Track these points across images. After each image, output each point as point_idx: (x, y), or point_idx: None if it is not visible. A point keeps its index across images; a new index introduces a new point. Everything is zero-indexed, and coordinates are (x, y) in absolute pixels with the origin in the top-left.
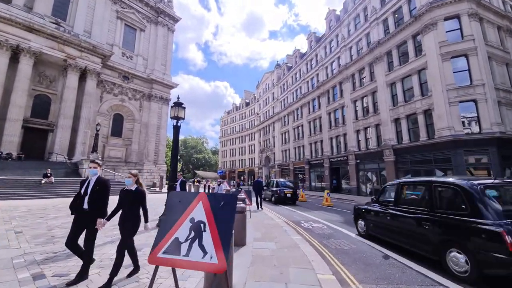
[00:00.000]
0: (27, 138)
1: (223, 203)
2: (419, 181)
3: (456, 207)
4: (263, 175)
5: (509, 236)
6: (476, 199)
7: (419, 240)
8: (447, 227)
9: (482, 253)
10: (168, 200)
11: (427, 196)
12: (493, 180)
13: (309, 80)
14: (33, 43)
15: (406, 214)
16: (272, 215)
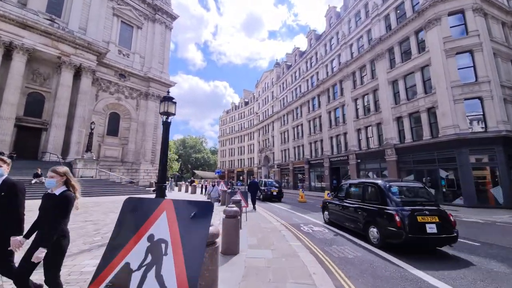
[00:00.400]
0: (20, 137)
1: (195, 214)
2: (357, 182)
3: (375, 198)
4: (263, 175)
5: (398, 216)
6: (384, 193)
7: (355, 222)
8: (369, 212)
9: (385, 228)
10: (121, 209)
11: (361, 192)
12: (399, 182)
13: (308, 79)
14: (27, 40)
15: (350, 205)
16: (270, 218)
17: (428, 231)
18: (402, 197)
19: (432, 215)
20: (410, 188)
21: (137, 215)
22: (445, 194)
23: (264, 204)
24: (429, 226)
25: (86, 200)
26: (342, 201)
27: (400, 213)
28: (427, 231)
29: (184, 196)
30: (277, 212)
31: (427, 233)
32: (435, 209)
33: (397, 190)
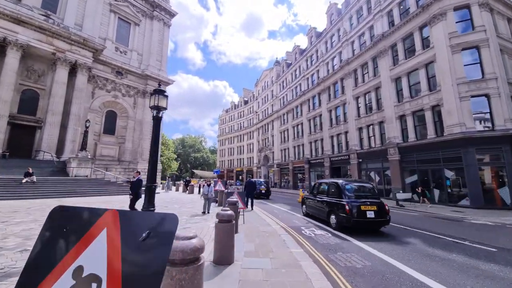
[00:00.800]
0: (13, 135)
1: (148, 234)
2: (325, 181)
3: (335, 194)
4: (262, 175)
5: (348, 206)
6: (341, 190)
7: (323, 212)
8: (330, 204)
9: (340, 215)
10: (44, 225)
11: (326, 189)
12: (353, 182)
13: (309, 77)
14: (21, 36)
15: (319, 199)
16: (269, 220)
17: (368, 216)
18: (353, 192)
19: (372, 205)
20: (361, 186)
21: (66, 234)
22: (450, 195)
23: (263, 204)
24: (369, 213)
25: (77, 201)
26: (315, 196)
27: (349, 204)
28: (367, 216)
29: (180, 197)
30: (277, 213)
31: (367, 218)
32: (375, 201)
33: (350, 187)
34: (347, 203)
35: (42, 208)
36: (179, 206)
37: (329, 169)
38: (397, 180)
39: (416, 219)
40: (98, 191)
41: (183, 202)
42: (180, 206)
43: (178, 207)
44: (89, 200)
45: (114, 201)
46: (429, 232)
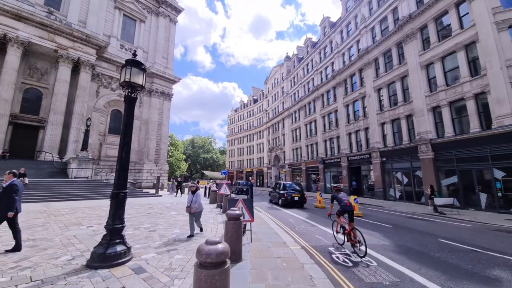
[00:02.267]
0: (16, 135)
1: None
2: (278, 182)
3: (281, 189)
4: (273, 176)
5: (286, 195)
6: (283, 186)
7: (278, 199)
8: (280, 194)
9: (282, 199)
10: None
11: (279, 186)
12: (291, 183)
13: (322, 70)
14: (22, 32)
15: (277, 192)
16: (283, 234)
17: (295, 199)
18: (289, 188)
19: (297, 194)
20: (294, 185)
21: None
22: (502, 200)
23: (276, 211)
24: (295, 198)
25: (64, 205)
26: (275, 190)
27: (287, 193)
28: (294, 199)
29: (183, 201)
30: (292, 223)
31: (295, 200)
32: (300, 192)
33: (289, 185)
34: (286, 193)
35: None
36: (176, 213)
37: (347, 169)
38: (431, 181)
39: (473, 232)
40: (93, 195)
41: (182, 209)
42: (177, 214)
43: (175, 214)
44: (77, 204)
45: (102, 205)
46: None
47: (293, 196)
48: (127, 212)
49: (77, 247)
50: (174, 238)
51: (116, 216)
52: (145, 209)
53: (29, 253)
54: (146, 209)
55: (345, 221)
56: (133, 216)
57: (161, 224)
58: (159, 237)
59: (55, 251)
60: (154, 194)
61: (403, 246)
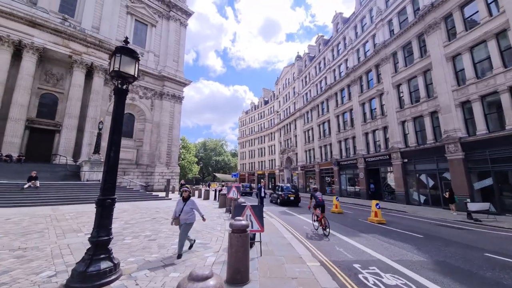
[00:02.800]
0: (32, 139)
1: None
2: (277, 185)
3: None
4: (285, 178)
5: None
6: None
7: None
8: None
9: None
10: None
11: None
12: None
13: (335, 68)
14: (37, 39)
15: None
16: (298, 246)
17: (290, 199)
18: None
19: (292, 195)
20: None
21: None
22: None
23: (289, 216)
24: (291, 197)
25: (72, 209)
26: (275, 192)
27: (284, 194)
28: (290, 199)
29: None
30: (307, 231)
31: (290, 199)
32: (294, 193)
33: (285, 188)
34: (283, 194)
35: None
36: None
37: (364, 171)
38: (461, 184)
39: None
40: None
41: None
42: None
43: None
44: (85, 208)
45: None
46: None
47: (289, 196)
48: (132, 216)
49: (66, 260)
50: (174, 249)
51: (102, 227)
52: (151, 213)
53: (13, 265)
54: (152, 213)
55: (319, 212)
56: (137, 221)
57: (163, 231)
58: (158, 248)
59: (40, 264)
60: (164, 197)
61: (444, 264)
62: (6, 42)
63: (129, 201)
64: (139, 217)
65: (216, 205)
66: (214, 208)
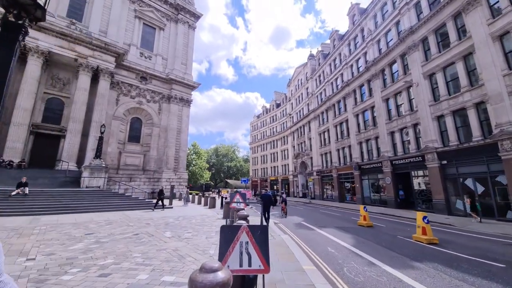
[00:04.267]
0: (37, 145)
1: None
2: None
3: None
4: (299, 184)
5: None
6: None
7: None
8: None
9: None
10: None
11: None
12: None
13: (353, 63)
14: (42, 42)
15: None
16: (320, 283)
17: None
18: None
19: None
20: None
21: None
22: None
23: (306, 230)
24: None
25: (61, 219)
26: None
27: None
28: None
29: (193, 214)
30: (335, 257)
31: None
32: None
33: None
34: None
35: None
36: (170, 235)
37: (391, 175)
38: None
39: None
40: (95, 206)
41: (183, 227)
42: (172, 235)
43: (169, 236)
44: (67, 218)
45: (93, 220)
46: None
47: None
48: (112, 231)
49: None
50: None
51: None
52: (139, 227)
53: None
54: (140, 227)
55: (284, 206)
56: (113, 239)
57: (133, 257)
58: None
59: None
60: (167, 207)
61: None
62: None
63: (122, 210)
64: (120, 231)
65: (221, 215)
66: (216, 219)
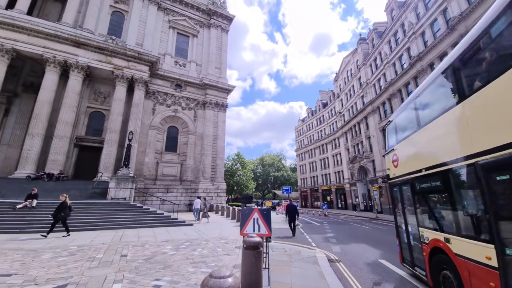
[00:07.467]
0: (81, 157)
1: None
2: None
3: None
4: (359, 194)
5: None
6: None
7: None
8: None
9: None
10: None
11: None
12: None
13: (425, 29)
14: (81, 58)
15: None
16: None
17: None
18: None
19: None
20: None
21: None
22: None
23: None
24: None
25: (54, 237)
26: None
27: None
28: None
29: (213, 234)
30: None
31: None
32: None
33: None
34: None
35: None
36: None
37: None
38: None
39: None
40: (103, 223)
41: (177, 263)
42: None
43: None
44: (63, 241)
45: (93, 245)
46: None
47: None
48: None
49: None
50: None
51: None
52: (99, 262)
53: None
54: (100, 263)
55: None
56: None
57: None
58: None
59: None
60: (195, 221)
61: None
62: (53, 63)
63: (131, 227)
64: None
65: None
66: (235, 247)
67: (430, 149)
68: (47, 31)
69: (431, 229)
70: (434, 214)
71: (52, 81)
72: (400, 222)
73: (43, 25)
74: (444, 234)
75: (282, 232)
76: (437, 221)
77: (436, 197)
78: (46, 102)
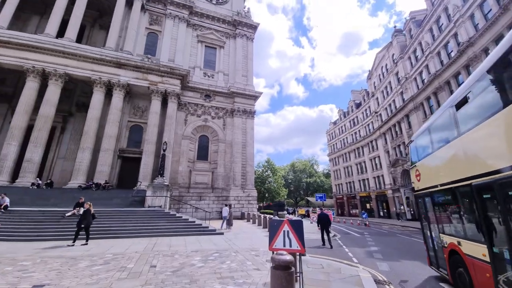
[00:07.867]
0: (124, 168)
1: None
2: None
3: None
4: (403, 201)
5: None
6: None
7: None
8: None
9: None
10: None
11: None
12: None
13: (474, 11)
14: (122, 77)
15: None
16: None
17: None
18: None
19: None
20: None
21: None
22: None
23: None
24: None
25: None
26: None
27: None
28: None
29: (244, 245)
30: None
31: None
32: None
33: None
34: None
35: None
36: None
37: None
38: None
39: None
40: (136, 231)
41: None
42: None
43: None
44: (91, 249)
45: (121, 253)
46: None
47: None
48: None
49: None
50: None
51: None
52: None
53: None
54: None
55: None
56: None
57: None
58: None
59: None
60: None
61: None
62: (99, 83)
63: (164, 235)
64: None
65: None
66: (266, 261)
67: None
68: (94, 55)
69: (448, 234)
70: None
71: (99, 100)
72: (426, 229)
73: (90, 51)
74: (457, 238)
75: (317, 243)
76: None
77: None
78: (94, 119)
